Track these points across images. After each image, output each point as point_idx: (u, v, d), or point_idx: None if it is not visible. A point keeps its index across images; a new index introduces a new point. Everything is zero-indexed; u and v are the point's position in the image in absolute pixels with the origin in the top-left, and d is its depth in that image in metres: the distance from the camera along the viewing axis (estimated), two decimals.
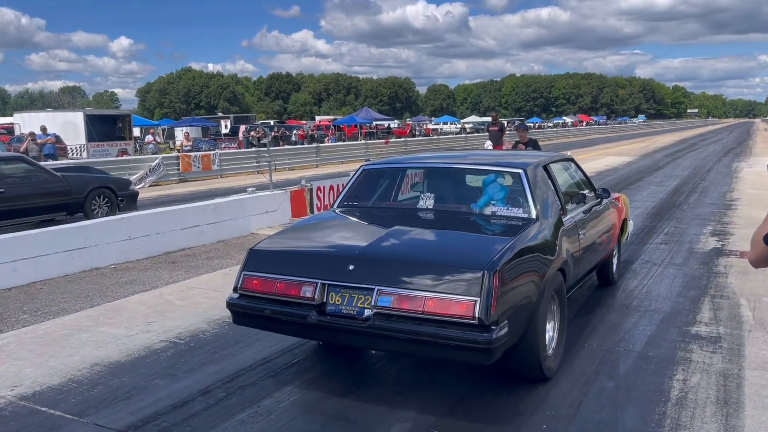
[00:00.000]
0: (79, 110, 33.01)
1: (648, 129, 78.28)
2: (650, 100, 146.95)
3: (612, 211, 6.18)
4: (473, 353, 3.38)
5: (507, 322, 3.45)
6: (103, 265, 7.61)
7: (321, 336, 4.00)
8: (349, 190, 5.15)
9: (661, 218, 10.59)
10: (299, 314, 3.73)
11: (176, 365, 4.47)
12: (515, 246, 3.78)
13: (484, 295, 3.36)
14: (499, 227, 4.38)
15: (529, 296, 3.77)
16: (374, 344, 3.82)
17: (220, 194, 14.38)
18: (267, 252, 4.14)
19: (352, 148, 29.68)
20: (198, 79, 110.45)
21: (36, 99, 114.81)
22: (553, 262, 4.10)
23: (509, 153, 6.36)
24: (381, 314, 3.53)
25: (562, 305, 4.33)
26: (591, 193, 5.69)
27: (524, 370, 3.99)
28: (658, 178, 17.25)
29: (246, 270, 4.05)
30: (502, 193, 4.57)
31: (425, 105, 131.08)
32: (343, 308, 3.65)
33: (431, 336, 3.40)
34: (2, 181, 10.05)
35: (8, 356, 4.69)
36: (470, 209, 4.62)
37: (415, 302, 3.47)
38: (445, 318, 3.40)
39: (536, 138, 11.52)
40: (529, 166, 4.66)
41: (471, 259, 3.66)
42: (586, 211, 5.25)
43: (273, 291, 3.88)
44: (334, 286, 3.71)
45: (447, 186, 5.07)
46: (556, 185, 4.84)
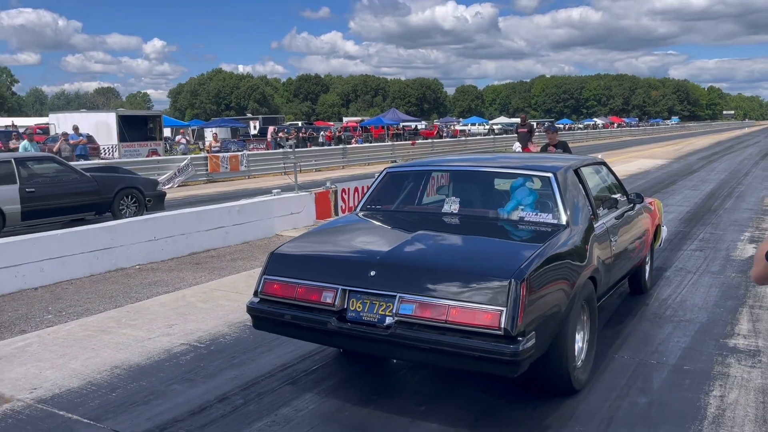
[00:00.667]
0: (111, 111, 33.58)
1: (682, 131, 76.71)
2: (684, 101, 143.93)
3: (645, 216, 5.99)
4: (499, 365, 3.24)
5: (534, 333, 3.32)
6: (128, 266, 7.63)
7: (341, 343, 3.88)
8: (372, 193, 5.05)
9: (696, 224, 10.27)
10: (319, 320, 3.64)
11: (195, 370, 4.41)
12: (544, 253, 3.63)
13: (510, 305, 3.22)
14: (527, 233, 4.23)
15: (558, 305, 3.62)
16: (395, 353, 3.69)
17: (247, 195, 14.42)
18: (288, 256, 4.06)
19: (378, 149, 29.61)
20: (228, 80, 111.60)
21: (72, 100, 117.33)
22: (583, 270, 3.95)
23: (538, 156, 6.18)
24: (402, 322, 3.41)
25: (592, 315, 4.18)
26: (623, 197, 5.50)
27: (552, 383, 3.83)
28: (692, 182, 16.81)
29: (267, 274, 3.97)
30: (530, 197, 4.41)
31: (453, 106, 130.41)
32: (364, 315, 3.54)
33: (454, 346, 3.27)
34: (33, 181, 10.19)
35: (30, 357, 4.69)
36: (497, 214, 4.47)
37: (438, 311, 3.34)
38: (470, 328, 3.27)
39: (566, 140, 11.26)
40: (559, 169, 4.51)
41: (497, 266, 3.52)
42: (618, 216, 5.08)
43: (293, 296, 3.79)
44: (355, 292, 3.60)
45: (473, 190, 4.94)
46: (587, 189, 4.68)
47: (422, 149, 31.17)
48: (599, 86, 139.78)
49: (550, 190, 4.36)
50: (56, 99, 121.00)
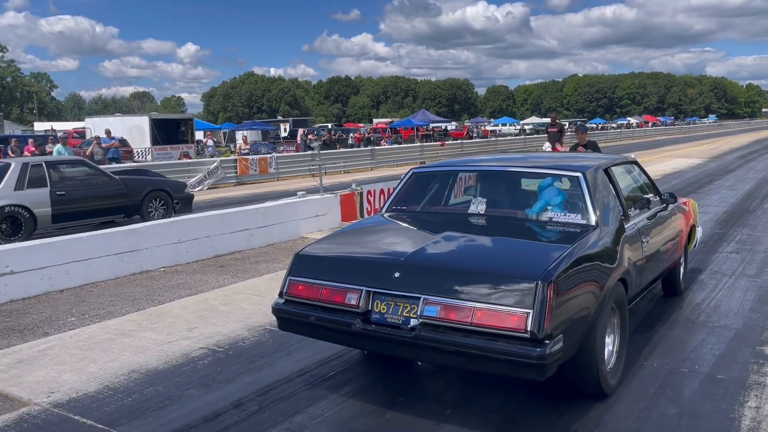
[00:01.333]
0: (144, 115, 34.13)
1: (719, 129, 74.82)
2: (722, 99, 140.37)
3: (679, 216, 5.82)
4: (525, 369, 3.17)
5: (562, 336, 3.24)
6: (152, 268, 7.67)
7: (365, 345, 3.85)
8: (398, 194, 4.99)
9: (733, 225, 9.92)
10: (344, 322, 3.61)
11: (212, 374, 4.37)
12: (572, 254, 3.55)
13: (537, 307, 3.16)
14: (555, 234, 4.13)
15: (587, 308, 3.53)
16: (419, 355, 3.63)
17: (275, 197, 14.45)
18: (313, 257, 4.04)
19: (406, 150, 29.48)
20: (260, 83, 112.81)
21: (108, 104, 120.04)
22: (613, 272, 3.85)
23: (567, 155, 6.04)
24: (427, 324, 3.36)
25: (623, 318, 4.07)
26: (656, 197, 5.35)
27: (581, 386, 3.76)
28: (729, 182, 16.29)
29: (292, 275, 3.97)
30: (559, 197, 4.31)
31: (484, 106, 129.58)
32: (389, 317, 3.50)
33: (480, 349, 3.22)
34: (64, 184, 10.35)
35: (51, 360, 4.70)
36: (525, 215, 4.37)
37: (464, 313, 3.29)
38: (495, 330, 3.21)
39: (597, 140, 11.00)
40: (588, 169, 4.40)
41: (524, 268, 3.45)
42: (650, 217, 4.95)
43: (318, 297, 3.78)
44: (379, 294, 3.57)
45: (500, 190, 4.84)
46: (617, 189, 4.56)
47: (451, 150, 30.94)
48: (633, 85, 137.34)
49: (578, 190, 4.27)
50: (93, 103, 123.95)
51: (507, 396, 3.94)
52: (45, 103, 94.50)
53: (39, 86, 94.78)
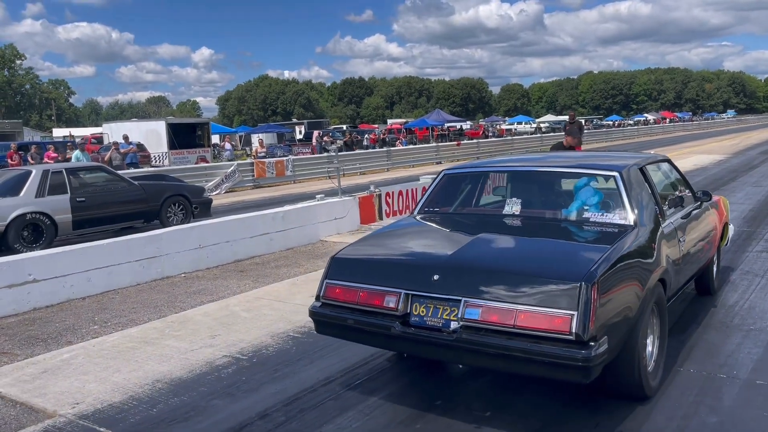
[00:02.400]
0: (161, 119, 34.34)
1: (738, 125, 73.76)
2: (740, 94, 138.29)
3: (712, 214, 5.75)
4: (570, 371, 3.12)
5: (606, 338, 3.19)
6: (173, 274, 7.65)
7: (405, 348, 3.79)
8: (429, 196, 4.95)
9: (761, 223, 9.70)
10: (382, 325, 3.58)
11: (236, 384, 4.31)
12: (613, 255, 3.49)
13: (581, 309, 3.12)
14: (593, 234, 4.06)
15: (629, 308, 3.49)
16: (461, 359, 3.56)
17: (293, 200, 14.42)
18: (349, 260, 4.02)
19: (422, 151, 29.36)
20: (274, 86, 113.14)
21: (125, 109, 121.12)
22: (653, 272, 3.82)
23: (601, 154, 5.97)
24: (468, 327, 3.32)
25: (662, 318, 4.03)
26: (690, 195, 5.29)
27: (623, 388, 3.70)
28: (753, 178, 15.99)
29: (328, 278, 3.95)
30: (595, 197, 4.26)
31: (499, 105, 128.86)
32: (428, 320, 3.47)
33: (523, 352, 3.16)
34: (83, 190, 10.38)
35: (75, 370, 4.67)
36: (561, 215, 4.32)
37: (506, 315, 3.24)
38: (539, 333, 3.17)
39: (614, 137, 10.82)
40: (624, 168, 4.33)
41: (566, 269, 3.40)
42: (686, 215, 4.89)
43: (355, 300, 3.76)
44: (418, 297, 3.54)
45: (534, 191, 4.78)
46: (653, 188, 4.50)
47: (467, 150, 30.78)
48: (650, 81, 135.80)
49: (615, 190, 4.21)
50: (110, 109, 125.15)
51: (543, 401, 3.86)
52: (63, 109, 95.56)
53: (57, 93, 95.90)
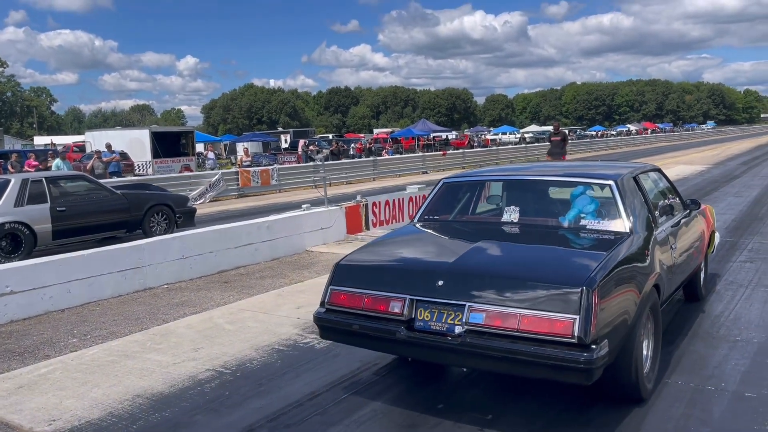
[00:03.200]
0: (145, 128, 34.03)
1: (718, 135, 74.77)
2: (720, 105, 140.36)
3: (700, 222, 5.95)
4: (573, 373, 3.23)
5: (606, 341, 3.30)
6: (156, 285, 7.52)
7: (410, 353, 3.85)
8: (429, 204, 5.07)
9: (743, 233, 9.77)
10: (388, 330, 3.66)
11: (220, 398, 4.21)
12: (611, 261, 3.62)
13: (583, 313, 3.22)
14: (591, 241, 4.18)
15: (627, 313, 3.61)
16: (466, 362, 3.67)
17: (278, 209, 14.32)
18: (354, 266, 4.11)
19: (409, 160, 29.37)
20: (260, 94, 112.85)
21: (108, 117, 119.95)
22: (648, 277, 3.95)
23: (595, 164, 6.17)
24: (473, 331, 3.41)
25: (656, 322, 4.16)
26: (680, 204, 5.50)
27: (621, 390, 3.81)
28: (735, 189, 16.15)
29: (333, 285, 4.03)
30: (592, 205, 4.39)
31: (483, 115, 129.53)
32: (433, 324, 3.55)
33: (527, 355, 3.26)
34: (64, 199, 10.21)
35: (52, 385, 4.54)
36: (558, 223, 4.45)
37: (510, 320, 3.34)
38: (542, 336, 3.26)
39: (598, 147, 10.89)
40: (619, 177, 4.49)
41: (568, 274, 3.50)
42: (676, 223, 5.07)
43: (360, 306, 3.83)
44: (423, 302, 3.62)
45: (532, 199, 4.89)
46: (646, 196, 4.66)
47: (453, 159, 30.85)
48: (632, 92, 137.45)
49: (611, 198, 4.35)
50: (93, 117, 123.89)
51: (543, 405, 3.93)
52: (45, 117, 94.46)
53: (39, 100, 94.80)
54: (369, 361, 4.75)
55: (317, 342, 5.27)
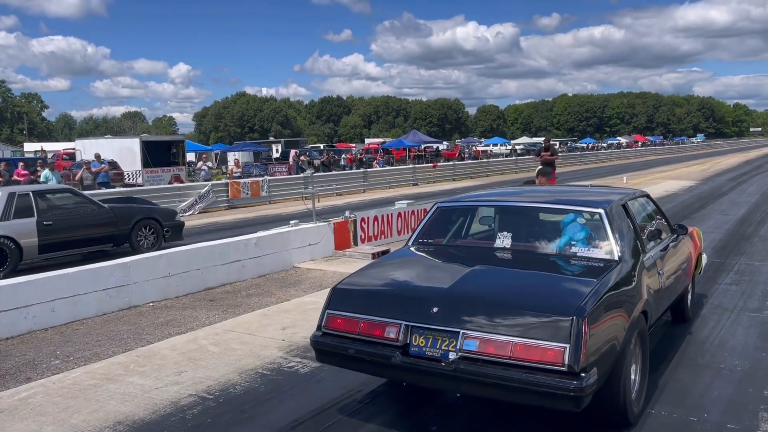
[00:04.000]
0: (135, 136, 33.89)
1: (708, 149, 75.42)
2: (710, 118, 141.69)
3: (688, 245, 6.07)
4: (563, 401, 3.31)
5: (595, 368, 3.39)
6: (141, 303, 7.46)
7: (405, 378, 3.88)
8: (423, 227, 5.16)
9: (730, 253, 9.83)
10: (383, 355, 3.73)
11: (202, 426, 4.17)
12: (601, 289, 3.71)
13: (573, 341, 3.31)
14: (581, 269, 4.26)
15: (615, 340, 3.69)
16: (459, 388, 3.68)
17: (267, 222, 14.27)
18: (350, 291, 4.19)
19: (399, 172, 29.40)
20: (252, 103, 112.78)
21: (100, 124, 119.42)
22: (637, 304, 4.04)
23: (586, 190, 6.36)
24: (466, 358, 3.49)
25: (644, 347, 4.25)
26: (667, 227, 5.64)
27: (609, 415, 3.89)
28: (722, 206, 16.27)
29: (330, 308, 4.10)
30: (582, 233, 4.50)
31: (475, 126, 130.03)
32: (427, 350, 3.63)
33: (519, 382, 3.35)
34: (51, 213, 10.13)
35: (32, 411, 4.48)
36: (549, 249, 4.55)
37: (502, 347, 3.42)
38: (533, 364, 3.35)
39: (588, 160, 10.93)
40: (609, 204, 4.62)
41: (558, 303, 3.59)
42: (664, 248, 5.17)
43: (356, 330, 3.91)
44: (418, 328, 3.70)
45: (524, 225, 4.98)
46: (634, 223, 4.77)
47: (443, 172, 30.93)
48: (622, 104, 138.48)
49: (601, 226, 4.45)
50: (84, 124, 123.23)
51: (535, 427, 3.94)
52: (35, 123, 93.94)
53: (30, 107, 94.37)
54: (353, 388, 4.73)
55: (301, 366, 5.24)
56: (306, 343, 5.78)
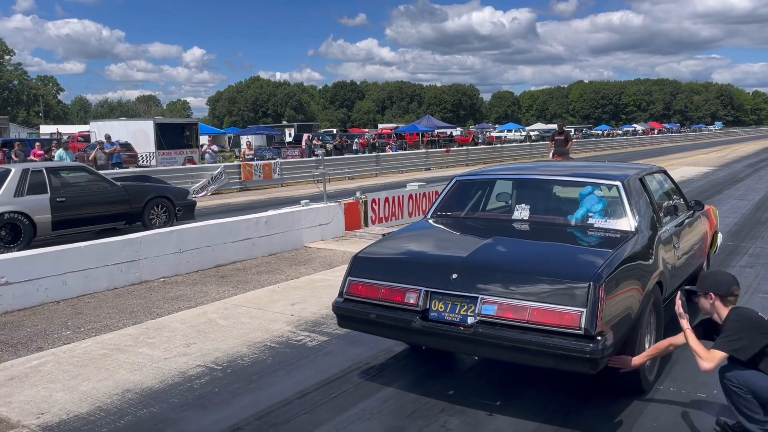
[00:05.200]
0: (149, 119, 34.03)
1: (726, 137, 74.42)
2: (728, 106, 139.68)
3: (703, 222, 6.09)
4: (579, 363, 3.40)
5: (611, 333, 3.47)
6: (152, 279, 7.51)
7: (424, 341, 4.01)
8: (442, 201, 5.27)
9: (745, 237, 9.71)
10: (404, 319, 3.86)
11: (209, 395, 4.20)
12: (617, 258, 3.79)
13: (590, 306, 3.39)
14: (598, 239, 4.35)
15: (631, 308, 3.78)
16: (477, 351, 3.81)
17: (279, 203, 14.29)
18: (371, 259, 4.31)
19: (412, 157, 29.30)
20: (266, 87, 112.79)
21: (114, 108, 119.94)
22: (652, 275, 4.10)
23: (603, 164, 6.47)
24: (485, 322, 3.60)
25: (658, 318, 4.32)
26: (683, 204, 5.63)
27: (623, 382, 3.97)
28: (739, 191, 16.07)
29: (351, 276, 4.23)
30: (599, 205, 4.57)
31: (489, 112, 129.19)
32: (446, 315, 3.74)
33: (537, 345, 3.45)
34: (64, 190, 10.21)
35: (42, 378, 4.54)
36: (567, 221, 4.63)
37: (520, 312, 3.53)
38: (551, 328, 3.45)
39: (603, 146, 10.83)
40: (626, 178, 4.69)
41: (576, 270, 3.69)
42: (680, 223, 5.22)
43: (377, 297, 4.03)
44: (438, 294, 3.81)
45: (542, 197, 5.07)
46: (651, 197, 4.84)
47: (457, 157, 30.80)
48: (639, 91, 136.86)
49: (618, 198, 4.54)
50: (99, 107, 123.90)
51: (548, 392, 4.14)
52: (51, 106, 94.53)
53: (45, 89, 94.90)
54: (360, 361, 4.74)
55: (309, 340, 5.26)
56: (315, 318, 5.84)
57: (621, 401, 3.96)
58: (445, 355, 4.89)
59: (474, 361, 4.71)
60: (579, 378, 3.98)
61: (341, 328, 5.43)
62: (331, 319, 5.78)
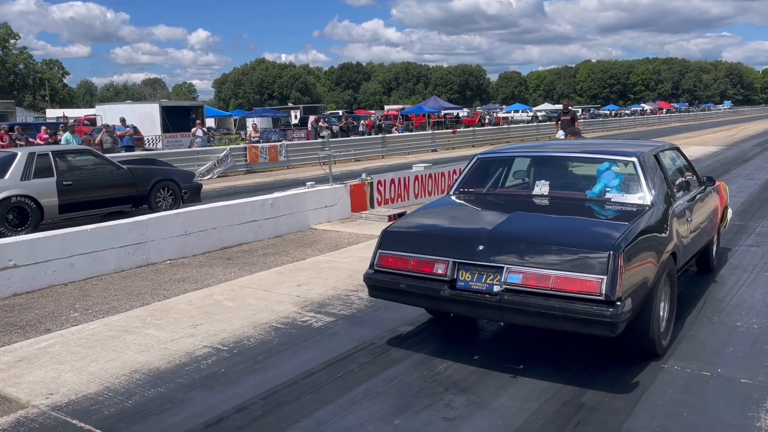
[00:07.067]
0: (155, 102, 34.03)
1: (735, 116, 73.69)
2: (737, 85, 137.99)
3: (714, 197, 6.34)
4: (600, 326, 3.65)
5: (630, 299, 3.70)
6: (158, 261, 7.55)
7: (452, 309, 4.30)
8: (464, 178, 5.49)
9: (752, 216, 9.66)
10: (433, 288, 4.12)
11: (215, 375, 4.24)
12: (634, 230, 4.03)
13: (610, 274, 3.64)
14: (615, 212, 4.59)
15: (647, 276, 4.01)
16: (503, 317, 4.05)
17: (285, 186, 14.30)
18: (400, 233, 4.59)
19: (418, 138, 29.20)
20: (271, 69, 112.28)
21: (120, 91, 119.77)
22: (667, 246, 4.35)
23: (618, 142, 6.77)
24: (510, 290, 3.85)
25: (672, 287, 4.55)
26: (695, 180, 5.86)
27: (639, 347, 4.22)
28: (747, 171, 15.95)
29: (381, 249, 4.48)
30: (616, 180, 4.80)
31: (496, 93, 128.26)
32: (473, 284, 3.98)
33: (560, 310, 3.70)
34: (70, 174, 10.25)
35: (51, 359, 4.59)
36: (585, 195, 4.87)
37: (544, 280, 3.77)
38: (573, 294, 3.69)
39: (611, 126, 10.75)
40: (642, 154, 4.91)
41: (596, 240, 3.95)
42: (692, 198, 5.44)
43: (407, 268, 4.29)
44: (465, 264, 4.05)
45: (561, 174, 5.30)
46: (665, 173, 5.05)
47: (463, 137, 30.66)
48: (647, 70, 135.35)
49: (634, 174, 4.78)
50: (105, 90, 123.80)
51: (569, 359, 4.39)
52: (57, 89, 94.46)
53: (51, 73, 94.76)
54: (366, 341, 4.77)
55: (315, 320, 5.29)
56: (320, 299, 5.87)
57: (637, 365, 4.16)
58: (452, 335, 4.96)
59: (485, 338, 4.88)
60: (601, 343, 4.33)
61: (346, 309, 5.51)
62: (336, 300, 5.82)
